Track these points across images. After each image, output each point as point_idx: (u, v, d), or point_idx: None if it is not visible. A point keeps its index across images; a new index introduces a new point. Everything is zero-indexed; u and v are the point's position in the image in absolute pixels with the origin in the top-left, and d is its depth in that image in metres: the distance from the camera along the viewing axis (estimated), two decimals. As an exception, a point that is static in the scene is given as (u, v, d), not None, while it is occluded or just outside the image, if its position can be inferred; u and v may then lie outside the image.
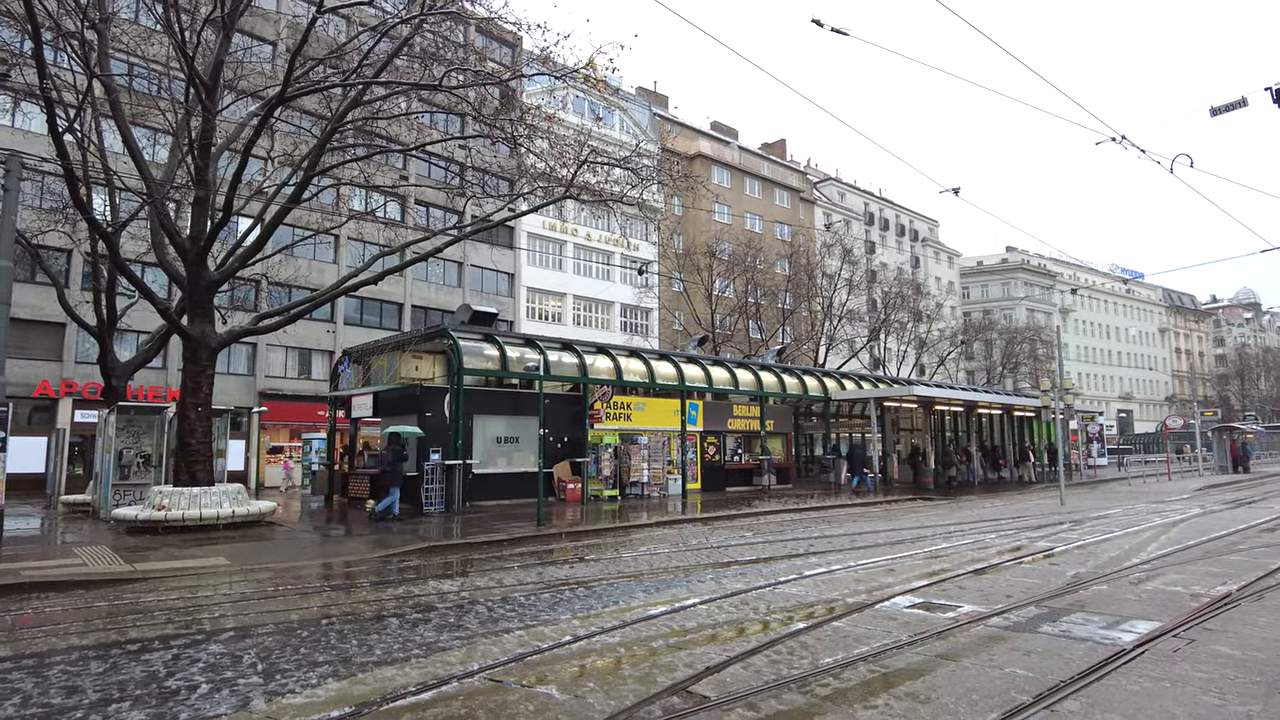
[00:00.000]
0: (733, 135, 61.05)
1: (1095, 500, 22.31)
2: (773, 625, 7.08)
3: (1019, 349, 59.57)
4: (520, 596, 8.68)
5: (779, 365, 30.52)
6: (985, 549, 12.23)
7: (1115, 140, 12.10)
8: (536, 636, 6.72)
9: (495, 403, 20.97)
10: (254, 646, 6.60)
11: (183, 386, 15.46)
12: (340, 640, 6.75)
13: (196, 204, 15.37)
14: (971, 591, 8.61)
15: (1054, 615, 7.35)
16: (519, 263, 44.00)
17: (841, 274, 45.77)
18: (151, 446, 17.63)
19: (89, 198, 18.13)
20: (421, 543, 13.28)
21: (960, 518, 17.51)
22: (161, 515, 13.94)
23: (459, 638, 6.76)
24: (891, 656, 6.01)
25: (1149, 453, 57.55)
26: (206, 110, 14.39)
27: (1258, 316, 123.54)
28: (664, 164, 20.40)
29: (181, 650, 6.47)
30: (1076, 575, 9.56)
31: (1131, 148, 12.02)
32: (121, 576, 10.23)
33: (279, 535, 14.53)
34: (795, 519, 17.67)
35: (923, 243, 75.42)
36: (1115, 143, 12.14)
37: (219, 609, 8.29)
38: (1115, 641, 6.34)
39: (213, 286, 15.87)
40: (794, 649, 6.25)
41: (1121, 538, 13.51)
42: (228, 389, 33.43)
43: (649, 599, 8.44)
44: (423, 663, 5.96)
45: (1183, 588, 8.66)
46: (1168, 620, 7.03)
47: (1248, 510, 18.54)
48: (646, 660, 5.97)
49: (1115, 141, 12.11)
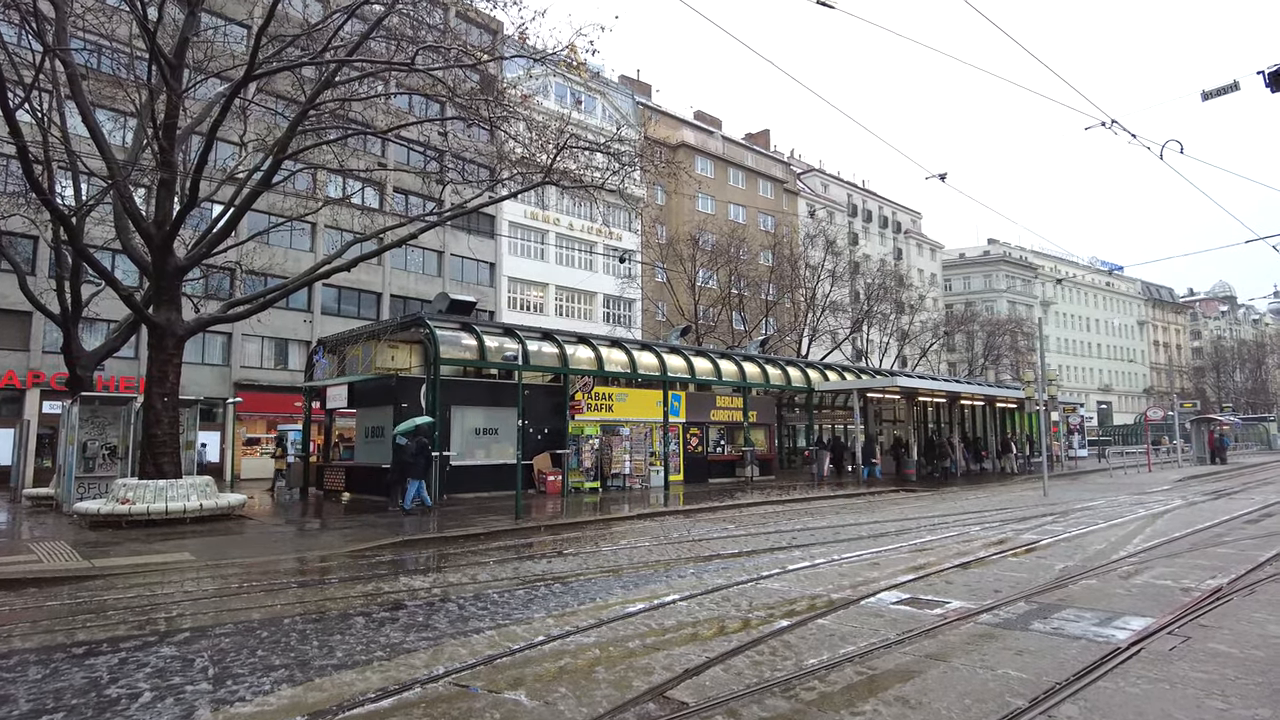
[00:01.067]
0: (716, 125, 60.68)
1: (1078, 492, 22.27)
2: (755, 623, 6.80)
3: (1000, 341, 59.79)
4: (494, 593, 8.36)
5: (762, 356, 30.30)
6: (970, 542, 12.04)
7: (1105, 125, 11.87)
8: (508, 637, 6.40)
9: (473, 393, 20.57)
10: (209, 649, 6.23)
11: (148, 376, 14.95)
12: (301, 641, 6.41)
13: (162, 187, 14.83)
14: (959, 586, 8.39)
15: (1044, 611, 7.12)
16: (500, 252, 43.49)
17: (825, 265, 45.60)
18: (118, 438, 17.10)
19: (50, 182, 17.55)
20: (396, 536, 12.92)
21: (944, 510, 17.36)
22: (125, 509, 13.47)
23: (426, 638, 6.43)
24: (879, 657, 5.75)
25: (1127, 444, 58.03)
26: (171, 89, 13.85)
27: (1233, 310, 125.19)
28: (646, 150, 19.99)
29: (130, 654, 6.10)
30: (1065, 569, 9.36)
31: (1122, 132, 11.80)
32: (78, 574, 9.80)
33: (249, 529, 14.10)
34: (778, 511, 17.45)
35: (905, 234, 75.51)
36: (1105, 128, 11.90)
37: (177, 608, 7.91)
38: (1110, 639, 6.11)
39: (179, 272, 15.35)
40: (777, 649, 5.97)
41: (1107, 530, 13.37)
42: (202, 379, 32.82)
43: (627, 595, 8.15)
44: (385, 666, 5.63)
45: (1173, 581, 8.48)
46: (1161, 616, 6.82)
47: (1229, 501, 18.54)
48: (623, 662, 5.67)
49: (1105, 126, 11.88)
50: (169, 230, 14.53)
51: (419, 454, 16.20)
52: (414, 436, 16.37)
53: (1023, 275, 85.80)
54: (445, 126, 20.72)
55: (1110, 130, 11.86)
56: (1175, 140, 12.21)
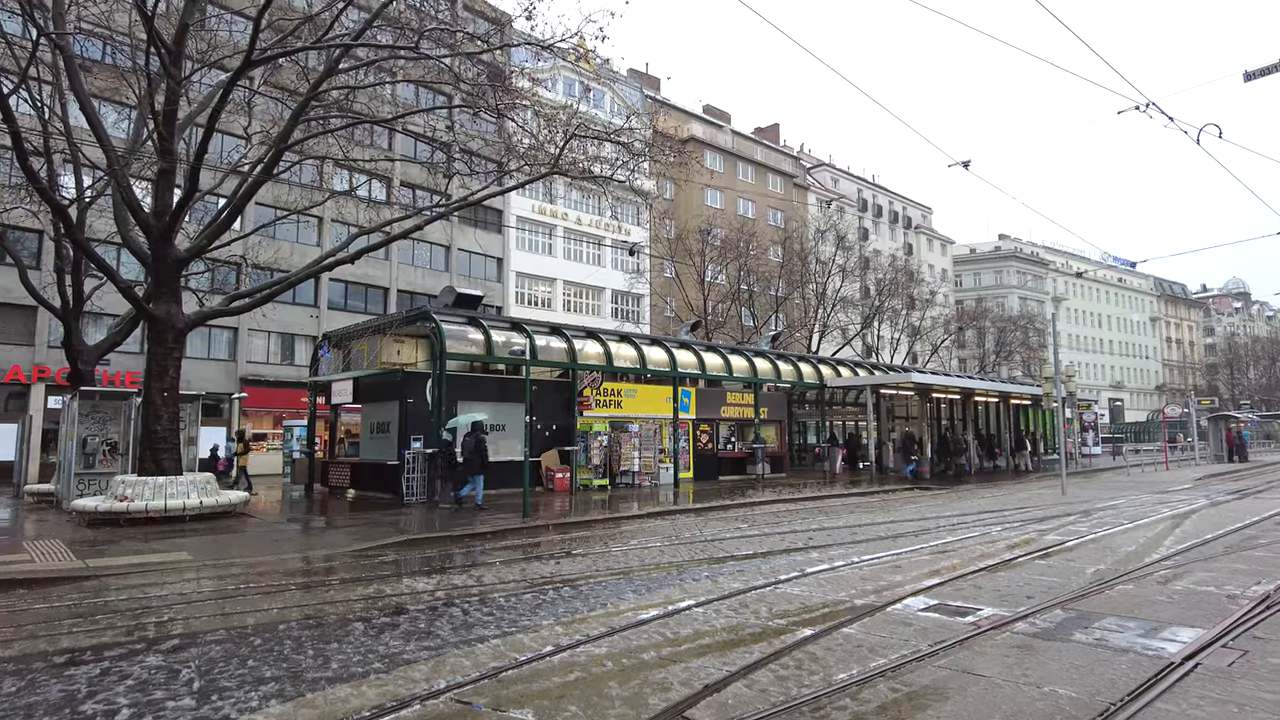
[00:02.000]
0: (725, 119, 60.10)
1: (1096, 490, 21.77)
2: (776, 632, 6.40)
3: (1012, 337, 59.10)
4: (500, 597, 7.99)
5: (774, 351, 29.82)
6: (994, 543, 11.61)
7: (1140, 109, 11.36)
8: (514, 646, 6.01)
9: (480, 389, 20.21)
10: (197, 658, 5.88)
11: (147, 370, 14.62)
12: (295, 650, 6.04)
13: (161, 177, 14.49)
14: (988, 591, 7.96)
15: (1084, 620, 6.70)
16: (508, 247, 43.12)
17: (835, 260, 45.07)
18: (118, 434, 16.81)
19: (51, 174, 17.26)
20: (400, 535, 12.58)
21: (961, 509, 16.92)
22: (123, 507, 13.15)
23: (427, 648, 6.05)
24: (913, 671, 5.34)
25: (1139, 441, 57.29)
26: (170, 76, 13.49)
27: (1247, 306, 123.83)
28: (656, 140, 19.53)
29: (114, 663, 5.74)
30: (1097, 573, 8.93)
31: (1159, 115, 11.25)
32: (71, 574, 9.48)
33: (250, 528, 13.78)
34: (791, 510, 17.04)
35: (916, 230, 74.80)
36: (1140, 111, 11.40)
37: (169, 612, 7.56)
38: (1160, 653, 5.69)
39: (180, 264, 15.02)
40: (802, 661, 5.57)
41: (1134, 530, 12.91)
42: (208, 375, 32.59)
43: (640, 600, 7.76)
44: (383, 679, 5.25)
45: (1215, 588, 8.03)
46: (1210, 627, 6.38)
47: (1256, 501, 18.03)
48: (637, 676, 5.27)
49: (1140, 110, 11.36)
50: (168, 221, 14.20)
51: (477, 450, 16.21)
52: (475, 432, 16.44)
53: (1034, 271, 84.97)
54: (452, 116, 20.28)
55: (1145, 114, 11.37)
56: (1214, 124, 11.71)
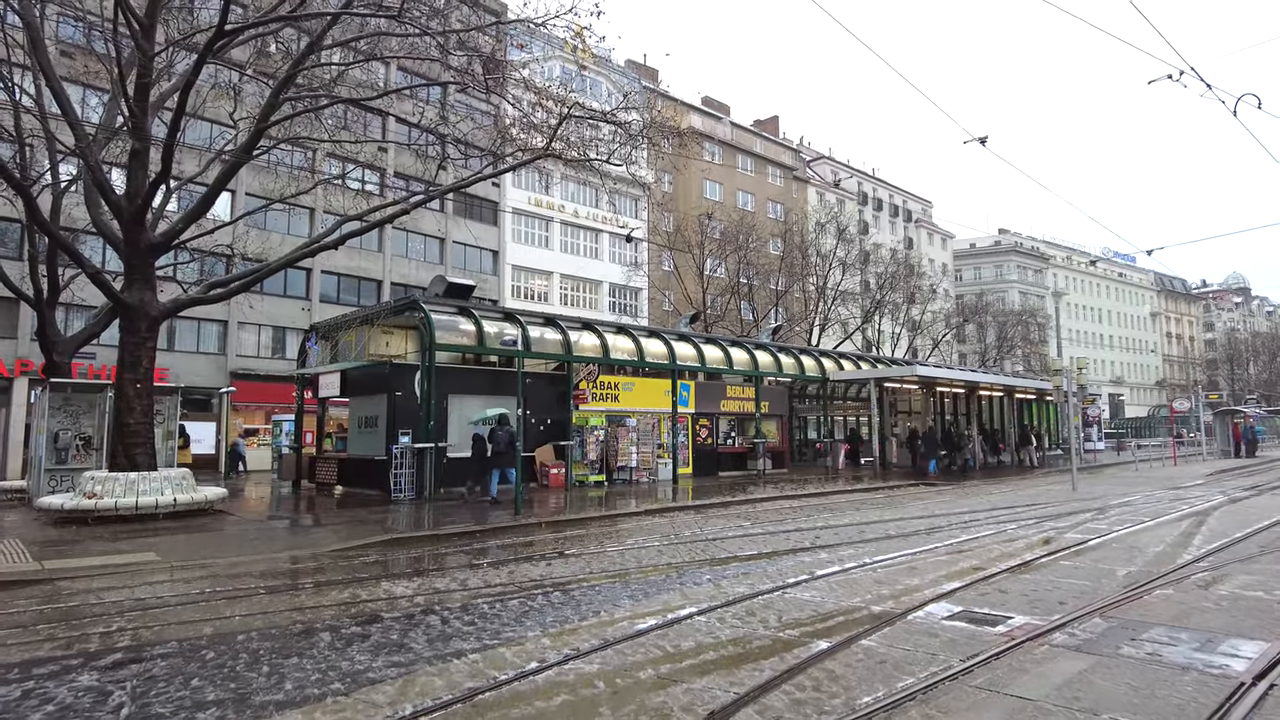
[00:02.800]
0: (724, 111, 59.35)
1: (1107, 486, 21.14)
2: (788, 646, 5.74)
3: (1014, 332, 58.49)
4: (484, 604, 7.32)
5: (775, 344, 29.14)
6: (1012, 541, 10.96)
7: (1173, 79, 10.67)
8: (494, 663, 5.35)
9: (472, 381, 19.53)
10: (136, 676, 5.21)
11: (119, 360, 13.91)
12: (249, 666, 5.37)
13: (134, 158, 13.76)
14: (1015, 596, 7.31)
15: (1129, 630, 6.04)
16: (503, 239, 42.39)
17: (836, 253, 44.40)
18: (92, 428, 16.11)
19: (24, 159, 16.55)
20: (385, 534, 11.91)
21: (970, 505, 16.28)
22: (91, 504, 12.45)
23: (397, 664, 5.39)
24: (946, 693, 4.68)
25: (1141, 436, 56.74)
26: (142, 51, 12.78)
27: (1247, 301, 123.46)
28: (654, 123, 18.82)
29: (39, 683, 5.07)
30: (1130, 575, 8.28)
31: (1193, 85, 10.61)
32: (24, 577, 8.80)
33: (228, 526, 13.11)
34: (795, 507, 16.39)
35: (916, 223, 74.14)
36: (1172, 81, 10.71)
37: (120, 620, 6.89)
38: (1225, 670, 5.03)
39: (154, 249, 14.29)
40: (820, 681, 4.91)
41: (1156, 528, 12.27)
42: (197, 368, 31.91)
43: (636, 607, 7.10)
44: (340, 704, 4.59)
45: (1264, 593, 7.39)
46: (1273, 639, 5.73)
47: (1275, 498, 17.40)
48: (632, 700, 4.62)
49: (1173, 80, 10.67)
50: (140, 204, 13.48)
51: (509, 444, 15.88)
52: (502, 427, 16.20)
53: (1034, 265, 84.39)
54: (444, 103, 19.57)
55: (1179, 83, 10.66)
56: (1252, 94, 11.02)
